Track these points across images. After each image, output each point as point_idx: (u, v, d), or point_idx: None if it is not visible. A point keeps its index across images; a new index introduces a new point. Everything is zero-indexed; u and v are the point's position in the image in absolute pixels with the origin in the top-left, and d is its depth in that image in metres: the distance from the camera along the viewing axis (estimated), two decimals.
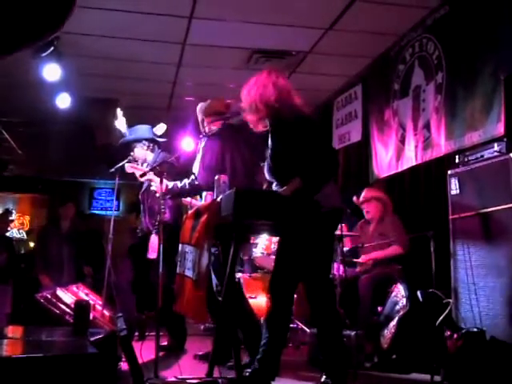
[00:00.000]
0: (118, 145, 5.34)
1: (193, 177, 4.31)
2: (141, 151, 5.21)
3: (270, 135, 3.46)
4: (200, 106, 4.58)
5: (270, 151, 3.45)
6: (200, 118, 4.54)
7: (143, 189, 5.21)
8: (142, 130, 5.32)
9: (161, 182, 4.10)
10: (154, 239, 4.87)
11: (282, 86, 3.43)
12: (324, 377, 3.35)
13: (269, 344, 3.32)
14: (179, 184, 4.34)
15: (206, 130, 4.45)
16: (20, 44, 2.76)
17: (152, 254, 4.84)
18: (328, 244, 3.49)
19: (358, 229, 5.61)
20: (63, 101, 6.71)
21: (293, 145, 3.29)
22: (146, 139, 5.24)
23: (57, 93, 6.61)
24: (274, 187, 3.47)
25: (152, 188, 4.75)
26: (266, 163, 3.54)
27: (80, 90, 6.98)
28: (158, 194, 4.37)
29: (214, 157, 4.22)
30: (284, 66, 6.29)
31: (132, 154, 5.19)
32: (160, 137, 5.39)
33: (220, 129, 4.33)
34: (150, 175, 4.37)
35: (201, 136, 4.42)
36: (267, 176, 3.56)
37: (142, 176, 4.38)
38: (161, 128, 5.35)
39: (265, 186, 5.82)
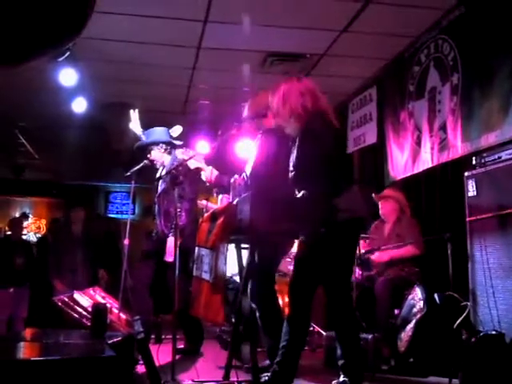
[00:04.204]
0: (135, 148, 5.34)
1: (244, 176, 4.20)
2: (158, 154, 5.22)
3: (297, 142, 3.43)
4: (253, 101, 4.31)
5: (295, 159, 3.42)
6: (257, 112, 4.20)
7: (160, 191, 5.22)
8: (159, 132, 5.32)
9: (176, 183, 4.08)
10: (170, 242, 4.87)
11: (316, 95, 3.52)
12: (342, 377, 3.35)
13: (288, 347, 3.34)
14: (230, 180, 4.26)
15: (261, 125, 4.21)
16: (37, 52, 2.79)
17: (169, 258, 4.85)
18: (348, 250, 3.47)
19: (373, 229, 5.58)
20: (79, 105, 6.76)
21: (318, 156, 3.29)
22: (164, 142, 5.24)
23: (73, 97, 6.66)
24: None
25: (162, 187, 4.74)
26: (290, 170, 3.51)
27: (96, 94, 7.03)
28: (207, 184, 4.35)
29: (267, 158, 4.03)
30: (298, 69, 6.28)
31: (149, 156, 5.21)
32: (176, 139, 5.39)
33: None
34: (201, 163, 4.34)
35: (258, 134, 4.23)
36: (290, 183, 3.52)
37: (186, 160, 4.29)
38: (177, 130, 5.34)
39: None
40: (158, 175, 5.24)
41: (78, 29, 2.66)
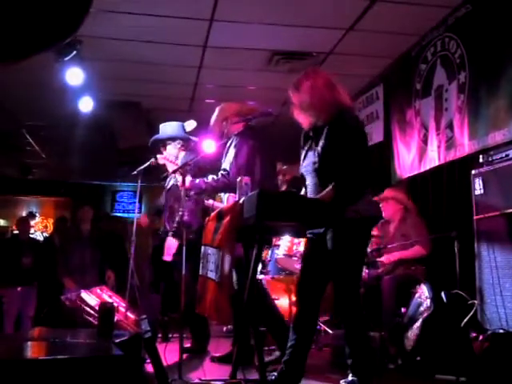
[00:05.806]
0: (150, 142, 5.20)
1: (223, 173, 4.27)
2: (173, 150, 5.08)
3: (325, 134, 3.39)
4: (224, 106, 4.57)
5: (319, 149, 3.39)
6: (223, 116, 4.52)
7: (168, 188, 5.18)
8: (175, 127, 5.19)
9: (183, 179, 4.08)
10: (169, 242, 4.83)
11: (344, 91, 3.56)
12: (350, 376, 3.35)
13: (295, 346, 3.35)
14: (207, 180, 4.32)
15: (227, 130, 4.44)
16: (33, 49, 2.78)
17: (167, 257, 4.82)
18: (356, 249, 3.41)
19: (379, 228, 5.54)
20: (86, 104, 6.77)
21: (347, 150, 3.29)
22: (181, 138, 5.12)
23: (79, 96, 6.67)
24: (311, 185, 3.45)
25: (171, 183, 4.73)
26: (307, 160, 3.51)
27: (102, 93, 7.04)
28: (181, 189, 4.36)
29: (248, 157, 4.25)
30: (305, 67, 6.26)
31: (162, 150, 5.09)
32: (189, 134, 5.26)
33: (249, 129, 4.32)
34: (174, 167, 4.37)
35: (231, 135, 4.40)
36: (304, 172, 3.53)
37: (174, 171, 4.34)
38: (191, 124, 5.24)
39: (284, 188, 5.82)
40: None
41: (75, 26, 2.65)
